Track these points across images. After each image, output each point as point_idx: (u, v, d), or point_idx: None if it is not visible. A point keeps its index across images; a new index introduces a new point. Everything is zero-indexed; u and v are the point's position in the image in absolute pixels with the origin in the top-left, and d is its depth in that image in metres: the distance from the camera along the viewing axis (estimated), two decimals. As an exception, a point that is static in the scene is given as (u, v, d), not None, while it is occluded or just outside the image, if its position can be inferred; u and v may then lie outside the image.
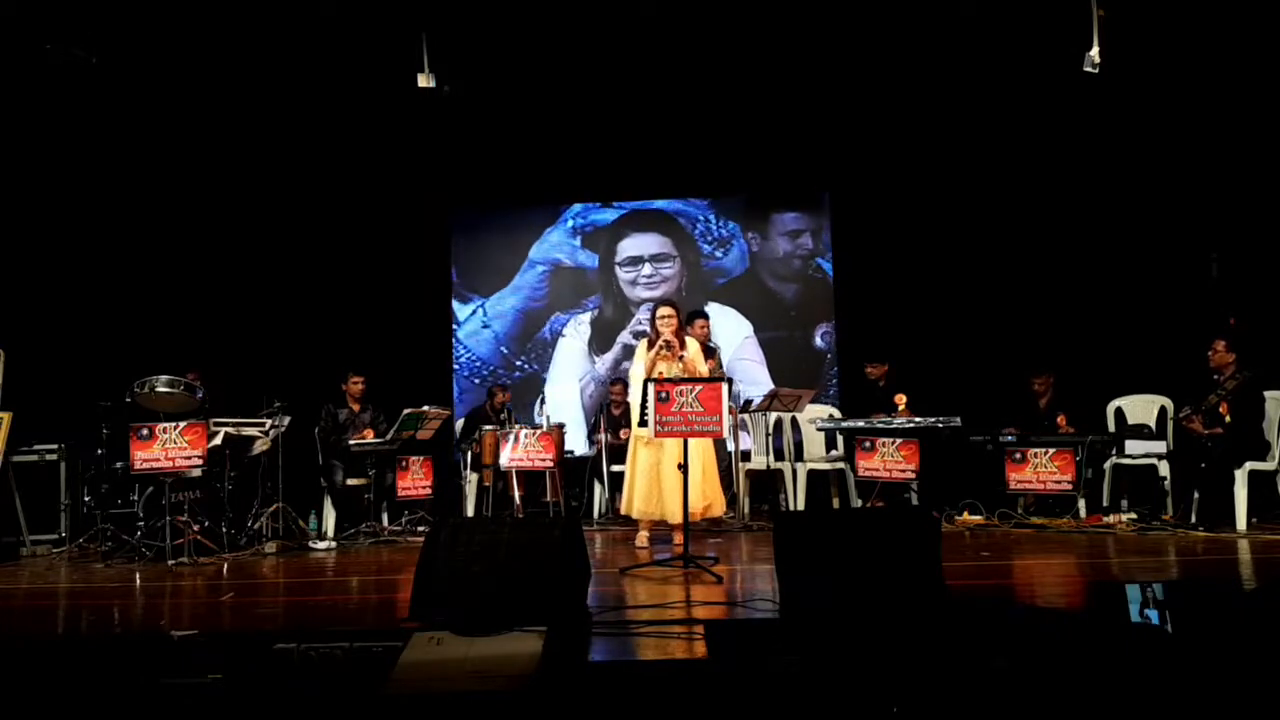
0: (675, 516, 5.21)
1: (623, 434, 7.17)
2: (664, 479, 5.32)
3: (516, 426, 7.01)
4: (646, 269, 8.56)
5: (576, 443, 8.05)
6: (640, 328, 8.35)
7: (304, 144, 7.75)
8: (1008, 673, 2.80)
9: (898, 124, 7.66)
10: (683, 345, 5.43)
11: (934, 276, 7.81)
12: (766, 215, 8.54)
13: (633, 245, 8.64)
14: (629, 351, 8.26)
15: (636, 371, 5.52)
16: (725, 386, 4.73)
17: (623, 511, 5.72)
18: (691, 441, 4.92)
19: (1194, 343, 6.27)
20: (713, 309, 8.21)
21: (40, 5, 5.92)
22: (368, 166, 8.02)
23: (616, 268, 8.63)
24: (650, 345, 5.48)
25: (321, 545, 6.21)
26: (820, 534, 3.65)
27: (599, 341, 8.59)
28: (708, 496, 5.37)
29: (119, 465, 6.01)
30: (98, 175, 7.37)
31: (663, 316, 5.44)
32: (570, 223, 8.71)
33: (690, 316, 6.89)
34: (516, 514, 6.66)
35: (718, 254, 8.56)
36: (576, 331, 8.62)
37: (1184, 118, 6.98)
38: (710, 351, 6.90)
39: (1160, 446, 6.32)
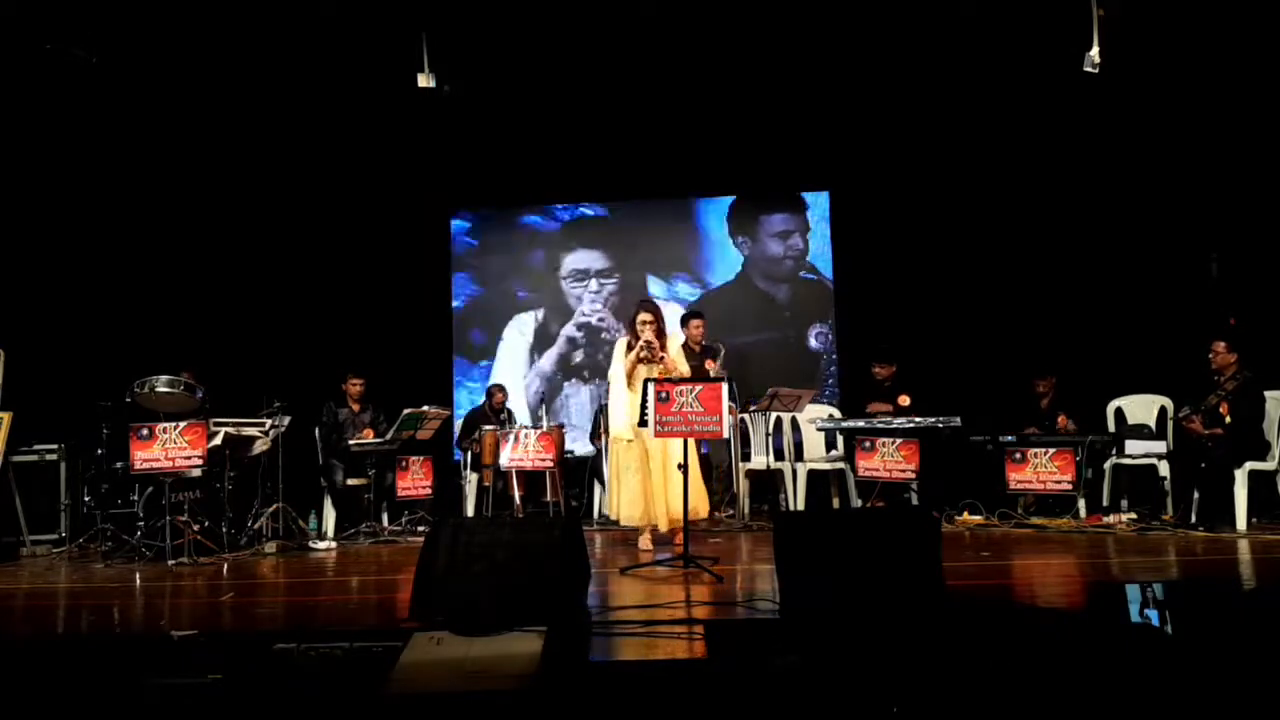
0: (660, 521, 5.27)
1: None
2: (651, 484, 5.30)
3: (517, 426, 7.01)
4: (593, 284, 8.54)
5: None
6: (584, 319, 8.41)
7: (304, 144, 7.75)
8: (1007, 673, 2.80)
9: (898, 124, 7.65)
10: (663, 347, 5.39)
11: (934, 277, 7.81)
12: (758, 216, 8.52)
13: (580, 259, 8.62)
14: (571, 343, 8.39)
15: (616, 373, 5.47)
16: (726, 387, 4.73)
17: (611, 516, 5.70)
18: (673, 443, 4.91)
19: (1194, 343, 6.27)
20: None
21: (40, 5, 5.91)
22: (368, 167, 8.02)
23: (561, 280, 8.61)
24: (629, 348, 5.43)
25: (321, 545, 6.21)
26: (820, 534, 3.66)
27: (540, 347, 8.57)
28: (691, 499, 5.32)
29: (119, 465, 6.00)
30: (98, 175, 7.37)
31: (644, 321, 5.38)
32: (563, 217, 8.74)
33: (685, 317, 6.96)
34: (516, 514, 6.66)
35: (704, 255, 8.55)
36: (520, 332, 8.59)
37: (1184, 118, 6.98)
38: (712, 352, 6.93)
39: (1160, 446, 6.33)
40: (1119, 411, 6.76)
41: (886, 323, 7.81)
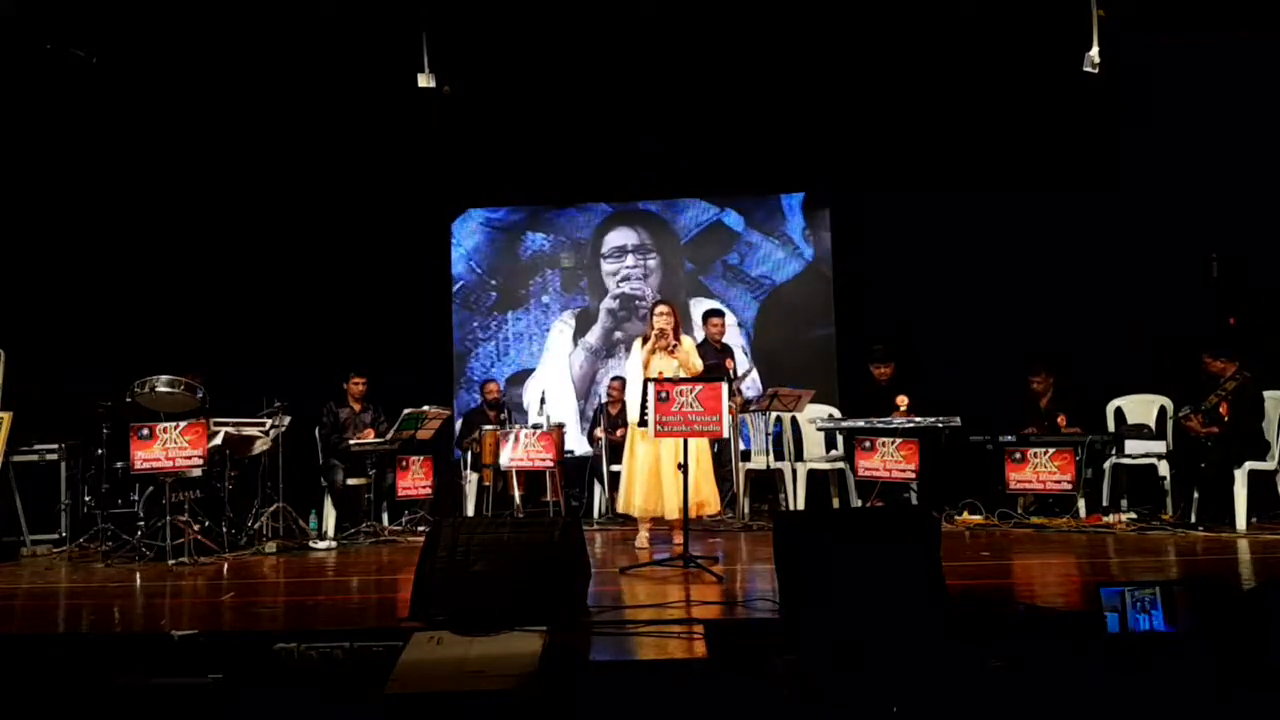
0: (674, 513, 5.24)
1: (618, 433, 7.17)
2: (664, 475, 5.33)
3: (516, 426, 7.01)
4: (629, 260, 8.57)
5: (573, 418, 8.23)
6: (620, 290, 8.50)
7: (304, 144, 7.74)
8: (1007, 673, 2.80)
9: (897, 123, 7.64)
10: (676, 338, 5.49)
11: (934, 276, 7.80)
12: (798, 220, 8.51)
13: (616, 237, 8.67)
14: (613, 317, 8.48)
15: (634, 368, 5.56)
16: (725, 386, 4.74)
17: (620, 509, 5.72)
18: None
19: (1194, 342, 6.27)
20: (701, 302, 8.30)
21: (40, 5, 5.92)
22: (368, 166, 8.02)
23: (602, 260, 8.64)
24: (645, 341, 5.55)
25: (321, 545, 6.21)
26: (820, 534, 3.66)
27: (583, 333, 8.65)
28: (701, 493, 5.36)
29: (119, 465, 6.01)
30: (98, 175, 7.36)
31: (660, 313, 5.52)
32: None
33: (706, 315, 7.13)
34: (516, 514, 6.66)
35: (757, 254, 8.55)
36: (565, 326, 8.63)
37: (1184, 117, 6.97)
38: (731, 351, 6.99)
39: (1160, 446, 6.32)
40: (1119, 411, 6.76)
41: (886, 322, 7.81)
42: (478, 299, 8.70)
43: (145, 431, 5.56)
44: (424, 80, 6.11)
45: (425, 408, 6.70)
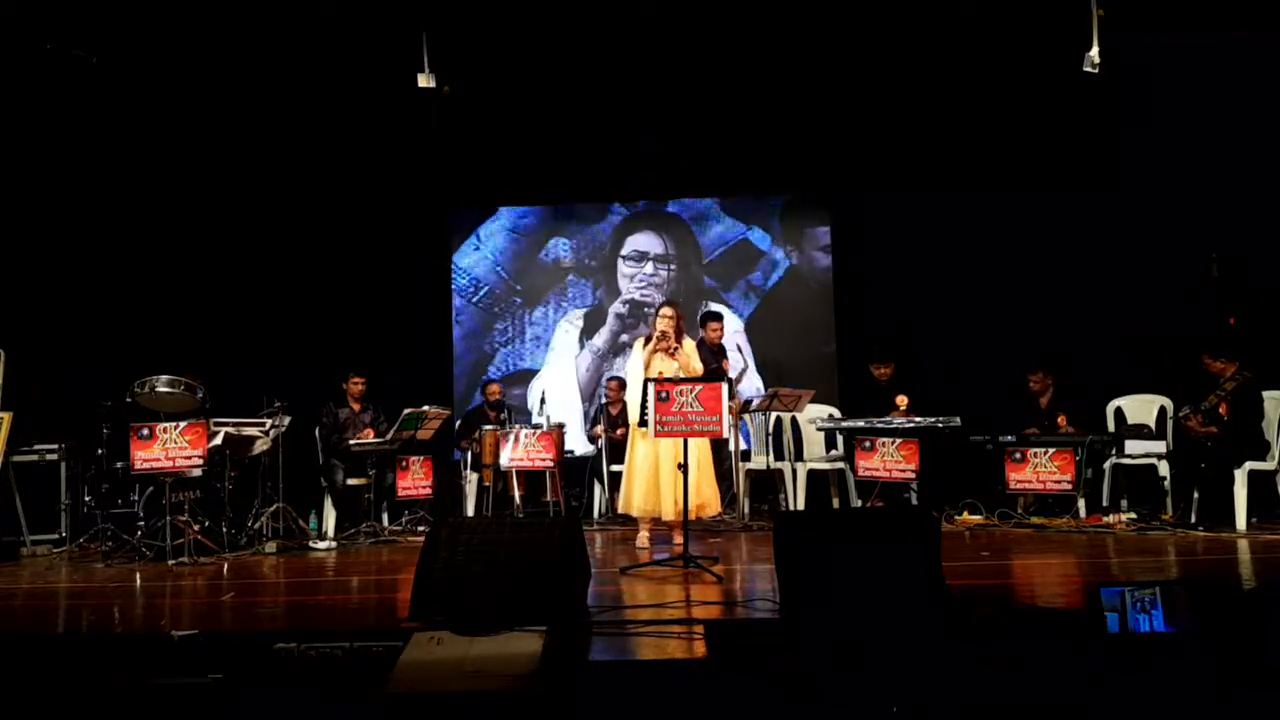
0: (674, 513, 5.24)
1: (619, 432, 7.17)
2: (662, 475, 5.34)
3: (516, 426, 7.01)
4: (649, 268, 8.58)
5: (577, 419, 8.25)
6: (630, 296, 8.51)
7: (304, 144, 7.74)
8: (1007, 673, 2.80)
9: (897, 123, 7.64)
10: (678, 340, 5.50)
11: (934, 277, 7.80)
12: (798, 221, 8.51)
13: (640, 241, 8.67)
14: (621, 321, 8.48)
15: (634, 368, 5.57)
16: (725, 386, 4.74)
17: (621, 509, 5.75)
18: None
19: (1194, 342, 6.27)
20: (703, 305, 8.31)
21: (40, 5, 5.92)
22: (368, 166, 8.02)
23: (620, 261, 8.64)
24: (647, 342, 5.56)
25: (321, 545, 6.21)
26: (820, 534, 3.66)
27: (590, 335, 8.64)
28: (702, 495, 5.37)
29: (119, 465, 6.01)
30: (98, 175, 7.36)
31: (664, 316, 5.54)
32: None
33: (705, 318, 7.10)
34: (516, 514, 6.66)
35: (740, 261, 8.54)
36: (571, 326, 8.63)
37: (1184, 117, 6.97)
38: (725, 352, 7.00)
39: (1160, 446, 6.33)
40: (1119, 411, 6.76)
41: (886, 322, 7.80)
42: (501, 302, 8.70)
43: (145, 431, 5.56)
44: (424, 80, 6.11)
45: (425, 408, 6.70)
